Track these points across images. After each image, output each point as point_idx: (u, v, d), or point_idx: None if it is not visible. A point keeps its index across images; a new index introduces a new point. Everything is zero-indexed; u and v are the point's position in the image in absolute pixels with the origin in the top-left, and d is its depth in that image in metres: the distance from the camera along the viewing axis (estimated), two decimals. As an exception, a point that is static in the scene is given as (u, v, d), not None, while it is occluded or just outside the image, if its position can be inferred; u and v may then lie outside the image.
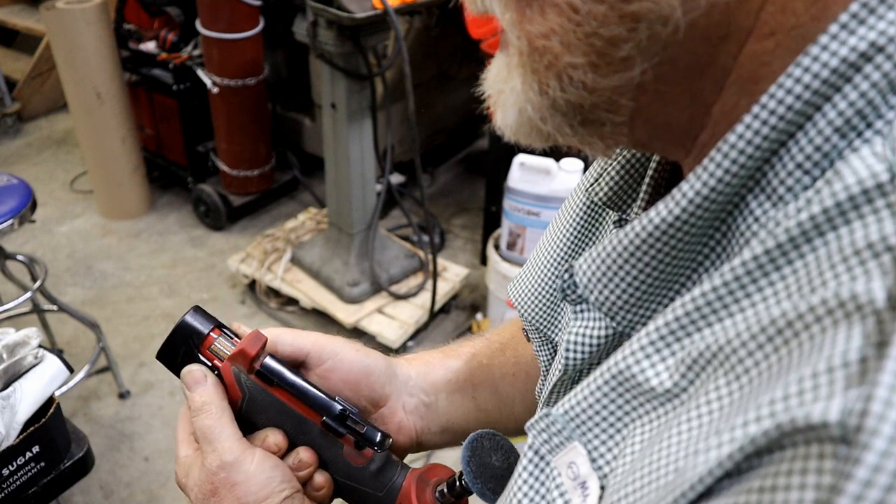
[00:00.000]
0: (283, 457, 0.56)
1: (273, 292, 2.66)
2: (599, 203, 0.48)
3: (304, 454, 0.56)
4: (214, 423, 0.53)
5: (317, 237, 2.71)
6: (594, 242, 0.51)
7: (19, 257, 2.08)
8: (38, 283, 2.04)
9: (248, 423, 0.56)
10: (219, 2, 2.64)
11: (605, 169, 0.47)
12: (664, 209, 0.33)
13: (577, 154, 2.30)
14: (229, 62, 2.76)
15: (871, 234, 0.25)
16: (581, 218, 0.51)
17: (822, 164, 0.29)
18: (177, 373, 0.57)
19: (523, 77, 0.35)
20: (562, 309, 0.52)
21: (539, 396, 0.58)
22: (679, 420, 0.30)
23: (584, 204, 0.51)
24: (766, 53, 0.30)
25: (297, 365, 0.60)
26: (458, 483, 0.54)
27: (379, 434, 0.55)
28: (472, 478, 0.52)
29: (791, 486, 0.23)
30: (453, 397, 0.65)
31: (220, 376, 0.55)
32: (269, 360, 0.55)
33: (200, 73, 2.84)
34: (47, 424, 0.94)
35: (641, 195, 0.45)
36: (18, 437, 0.91)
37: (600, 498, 0.34)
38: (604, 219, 0.50)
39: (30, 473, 0.94)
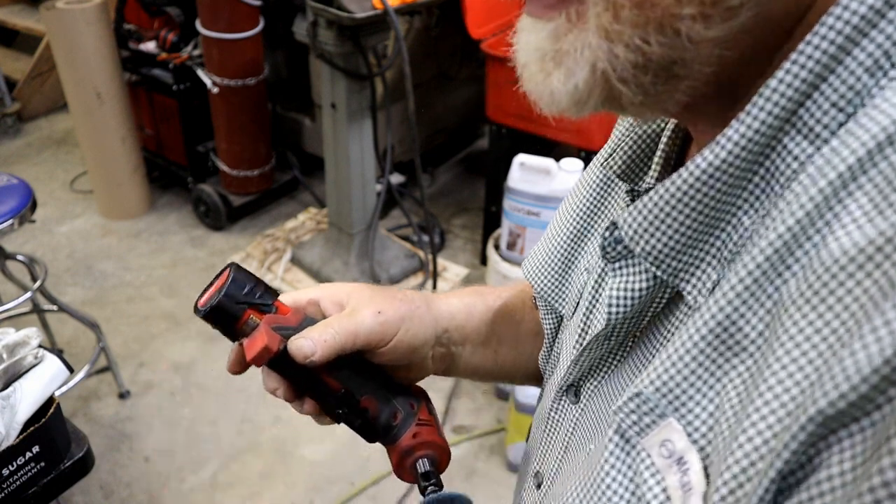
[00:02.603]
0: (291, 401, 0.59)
1: (273, 292, 2.66)
2: (613, 175, 0.50)
3: (308, 406, 0.58)
4: None
5: (317, 237, 2.71)
6: (605, 214, 0.53)
7: (19, 257, 2.08)
8: (38, 283, 2.04)
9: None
10: (219, 2, 2.64)
11: (620, 144, 0.50)
12: (710, 154, 0.34)
13: (577, 154, 2.30)
14: (229, 62, 2.76)
15: None
16: (595, 191, 0.53)
17: (855, 102, 0.32)
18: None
19: (608, 33, 0.33)
20: (569, 282, 0.54)
21: (543, 363, 0.60)
22: (769, 363, 0.31)
23: (599, 178, 0.53)
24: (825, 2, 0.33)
25: None
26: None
27: (391, 431, 0.59)
28: None
29: None
30: (477, 349, 0.66)
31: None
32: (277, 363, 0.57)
33: (200, 73, 2.84)
34: (47, 424, 0.93)
35: (653, 167, 0.47)
36: (18, 437, 0.91)
37: (705, 469, 0.34)
38: (615, 191, 0.52)
39: (30, 473, 0.93)
